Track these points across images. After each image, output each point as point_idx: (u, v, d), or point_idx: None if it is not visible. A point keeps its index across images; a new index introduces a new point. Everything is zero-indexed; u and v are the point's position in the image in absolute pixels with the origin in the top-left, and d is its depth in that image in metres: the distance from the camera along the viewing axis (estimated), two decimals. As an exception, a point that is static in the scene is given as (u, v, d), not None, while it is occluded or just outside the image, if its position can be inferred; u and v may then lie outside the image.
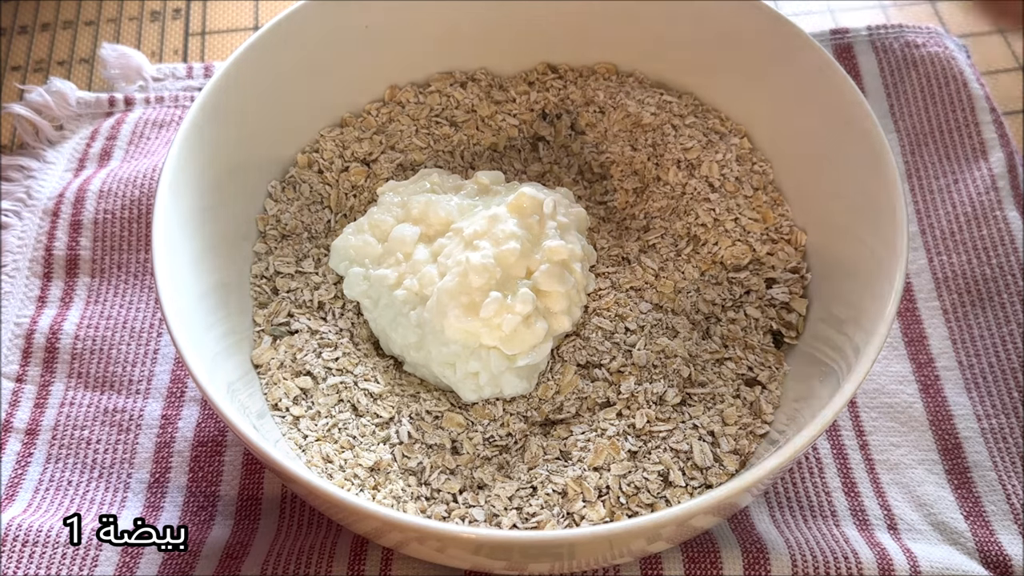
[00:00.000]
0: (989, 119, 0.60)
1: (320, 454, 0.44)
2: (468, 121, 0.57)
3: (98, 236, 0.57)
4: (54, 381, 0.52)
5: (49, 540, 0.46)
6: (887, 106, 0.63)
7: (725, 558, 0.45)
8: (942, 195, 0.58)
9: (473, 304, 0.46)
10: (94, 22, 0.73)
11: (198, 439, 0.51)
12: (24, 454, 0.50)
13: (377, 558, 0.46)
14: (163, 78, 0.67)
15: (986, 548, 0.46)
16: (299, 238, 0.53)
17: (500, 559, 0.40)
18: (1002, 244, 0.55)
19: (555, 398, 0.47)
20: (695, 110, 0.56)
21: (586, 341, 0.49)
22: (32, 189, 0.60)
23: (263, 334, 0.49)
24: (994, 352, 0.52)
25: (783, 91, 0.52)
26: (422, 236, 0.50)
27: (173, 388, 0.52)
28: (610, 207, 0.55)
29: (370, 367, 0.48)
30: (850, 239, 0.47)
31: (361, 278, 0.50)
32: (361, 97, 0.57)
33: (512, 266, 0.47)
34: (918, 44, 0.64)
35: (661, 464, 0.44)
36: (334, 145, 0.55)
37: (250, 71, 0.50)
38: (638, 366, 0.47)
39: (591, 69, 0.59)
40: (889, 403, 0.51)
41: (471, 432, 0.46)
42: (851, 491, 0.49)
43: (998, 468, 0.49)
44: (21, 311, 0.55)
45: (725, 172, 0.53)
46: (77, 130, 0.64)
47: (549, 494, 0.43)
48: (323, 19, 0.53)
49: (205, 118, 0.48)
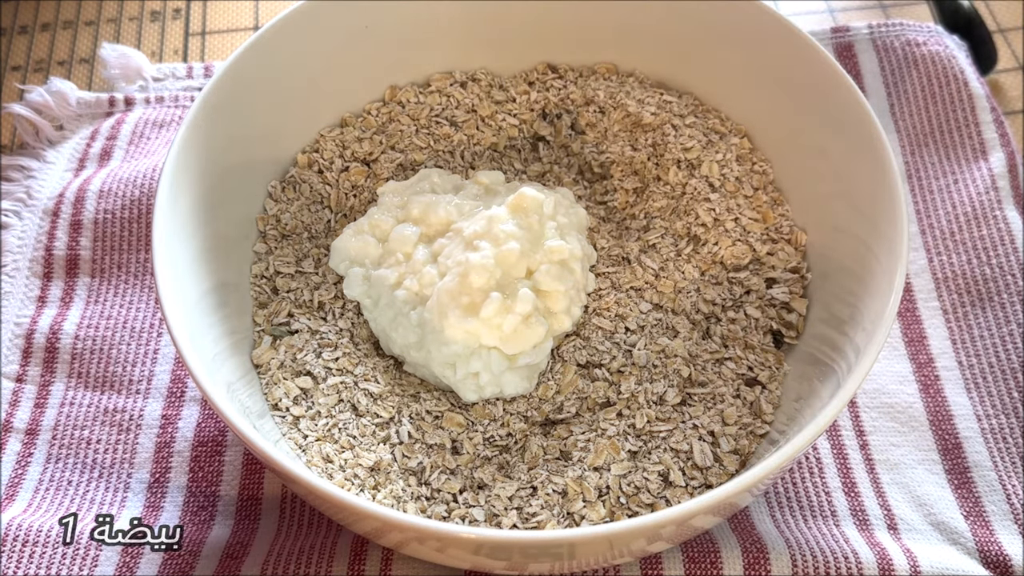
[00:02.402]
0: (989, 119, 0.60)
1: (320, 454, 0.44)
2: (468, 121, 0.57)
3: (98, 236, 0.57)
4: (54, 381, 0.52)
5: (49, 540, 0.46)
6: (887, 105, 0.63)
7: (725, 558, 0.45)
8: (942, 195, 0.58)
9: (473, 304, 0.46)
10: (94, 22, 0.73)
11: (198, 439, 0.51)
12: (24, 454, 0.50)
13: (377, 558, 0.46)
14: (163, 78, 0.67)
15: (986, 548, 0.46)
16: (299, 238, 0.53)
17: (500, 559, 0.40)
18: (1002, 244, 0.55)
19: (555, 398, 0.47)
20: (695, 110, 0.56)
21: (586, 341, 0.49)
22: (32, 189, 0.60)
23: (263, 334, 0.49)
24: (994, 352, 0.52)
25: (783, 91, 0.52)
26: (422, 236, 0.50)
27: (173, 388, 0.52)
28: (610, 207, 0.55)
29: (370, 367, 0.48)
30: (850, 239, 0.47)
31: (361, 278, 0.50)
32: (361, 97, 0.57)
33: (512, 266, 0.47)
34: (919, 43, 0.64)
35: (661, 464, 0.44)
36: (334, 145, 0.55)
37: (250, 71, 0.50)
38: (638, 366, 0.47)
39: (591, 69, 0.59)
40: (889, 403, 0.51)
41: (471, 432, 0.46)
42: (851, 491, 0.49)
43: (998, 468, 0.49)
44: (21, 311, 0.55)
45: (725, 172, 0.53)
46: (77, 130, 0.64)
47: (549, 494, 0.43)
48: (323, 19, 0.53)
49: (205, 118, 0.48)
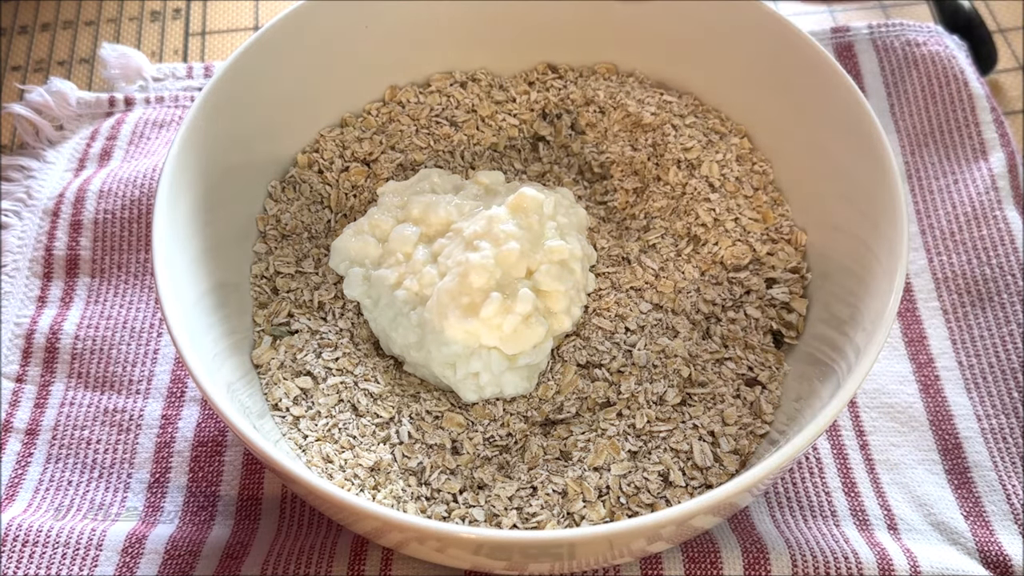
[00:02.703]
0: (990, 119, 0.60)
1: (320, 454, 0.44)
2: (468, 121, 0.57)
3: (98, 236, 0.57)
4: (54, 381, 0.52)
5: (49, 540, 0.46)
6: (887, 105, 0.63)
7: (725, 558, 0.45)
8: (942, 195, 0.58)
9: (473, 304, 0.46)
10: (94, 22, 0.73)
11: (198, 439, 0.51)
12: (24, 454, 0.50)
13: (377, 558, 0.45)
14: (163, 78, 0.67)
15: (986, 548, 0.46)
16: (299, 238, 0.53)
17: (500, 559, 0.40)
18: (1002, 244, 0.55)
19: (555, 398, 0.47)
20: (695, 110, 0.56)
21: (586, 341, 0.49)
22: (32, 189, 0.60)
23: (263, 334, 0.49)
24: (994, 352, 0.52)
25: (783, 91, 0.52)
26: (422, 236, 0.50)
27: (173, 388, 0.52)
28: (610, 207, 0.55)
29: (370, 367, 0.48)
30: (850, 239, 0.47)
31: (361, 278, 0.50)
32: (361, 97, 0.57)
33: (512, 266, 0.47)
34: (919, 43, 0.64)
35: (661, 464, 0.44)
36: (334, 145, 0.55)
37: (250, 71, 0.50)
38: (638, 366, 0.47)
39: (591, 69, 0.59)
40: (889, 403, 0.51)
41: (471, 432, 0.46)
42: (851, 491, 0.49)
43: (998, 468, 0.49)
44: (21, 311, 0.55)
45: (725, 172, 0.53)
46: (77, 130, 0.64)
47: (549, 494, 0.43)
48: (323, 19, 0.53)
49: (205, 118, 0.48)
